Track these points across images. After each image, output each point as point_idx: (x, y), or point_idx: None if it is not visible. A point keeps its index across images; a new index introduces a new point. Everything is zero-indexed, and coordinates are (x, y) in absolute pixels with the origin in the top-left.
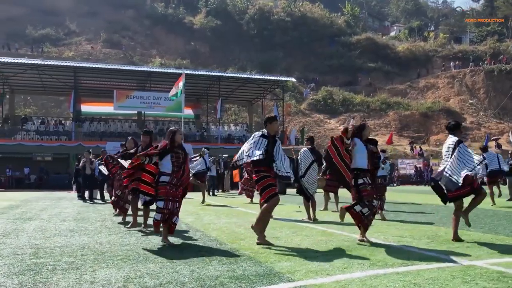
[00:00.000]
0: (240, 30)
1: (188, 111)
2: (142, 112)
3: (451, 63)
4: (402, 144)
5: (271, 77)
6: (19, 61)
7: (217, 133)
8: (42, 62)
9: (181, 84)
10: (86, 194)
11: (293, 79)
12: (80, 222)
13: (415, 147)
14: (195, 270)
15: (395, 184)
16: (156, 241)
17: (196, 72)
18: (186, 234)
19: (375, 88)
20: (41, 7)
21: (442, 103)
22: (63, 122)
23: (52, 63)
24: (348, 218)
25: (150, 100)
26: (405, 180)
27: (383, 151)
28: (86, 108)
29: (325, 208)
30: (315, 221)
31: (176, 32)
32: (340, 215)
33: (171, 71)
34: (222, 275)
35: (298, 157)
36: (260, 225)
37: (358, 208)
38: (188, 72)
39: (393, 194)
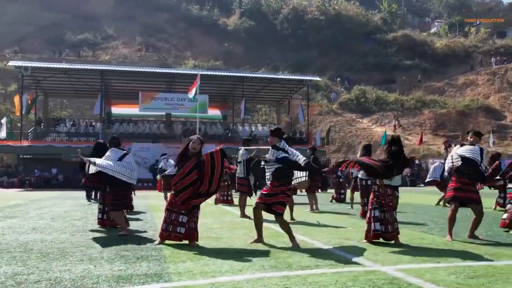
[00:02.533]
0: (274, 30)
1: (216, 112)
2: (171, 113)
3: (492, 58)
4: (436, 144)
5: (295, 77)
6: (47, 65)
7: (241, 133)
8: (70, 66)
9: (197, 85)
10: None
11: (319, 78)
12: (55, 220)
13: (452, 144)
14: (89, 269)
15: (422, 185)
16: (84, 239)
17: (213, 73)
18: (140, 234)
19: (411, 86)
20: (80, 13)
21: (481, 100)
22: (93, 123)
23: (79, 67)
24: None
25: (175, 102)
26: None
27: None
28: (116, 110)
29: (315, 209)
30: (292, 221)
31: (210, 34)
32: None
33: (191, 72)
34: (107, 274)
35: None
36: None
37: None
38: (204, 72)
39: (407, 195)
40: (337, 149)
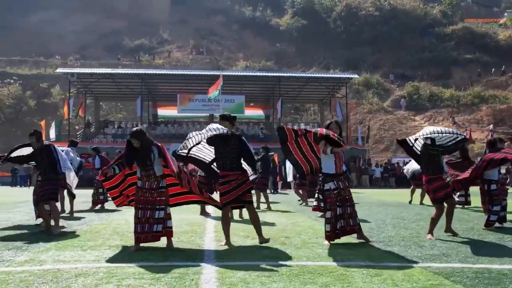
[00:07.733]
0: (326, 28)
1: (259, 112)
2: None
3: None
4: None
5: (332, 75)
6: (91, 71)
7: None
8: (110, 71)
9: (220, 85)
10: None
11: (356, 76)
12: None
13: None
14: None
15: None
16: None
17: (242, 73)
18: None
19: (470, 81)
20: (139, 19)
21: None
22: (138, 125)
23: (119, 71)
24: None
25: (211, 103)
26: None
27: None
28: (164, 112)
29: (257, 207)
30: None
31: (262, 35)
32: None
33: (224, 73)
34: None
35: None
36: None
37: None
38: (227, 73)
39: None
40: (385, 148)
